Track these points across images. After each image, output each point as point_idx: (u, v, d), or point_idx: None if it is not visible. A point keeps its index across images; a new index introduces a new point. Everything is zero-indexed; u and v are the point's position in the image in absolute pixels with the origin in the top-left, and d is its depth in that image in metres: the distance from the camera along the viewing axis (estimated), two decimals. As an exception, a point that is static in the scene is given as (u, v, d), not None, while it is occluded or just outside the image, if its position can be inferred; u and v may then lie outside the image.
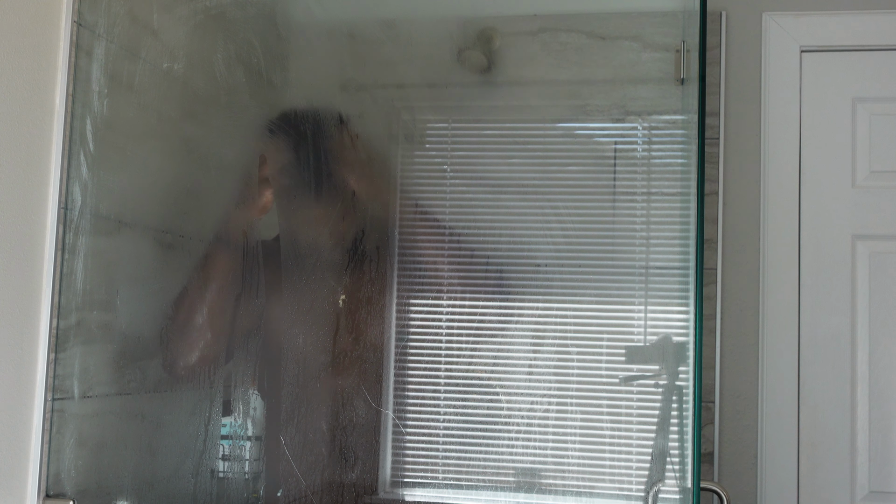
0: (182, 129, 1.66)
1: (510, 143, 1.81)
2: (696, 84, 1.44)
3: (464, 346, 1.72)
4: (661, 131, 1.73)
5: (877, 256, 1.97)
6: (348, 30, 1.82)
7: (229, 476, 1.65)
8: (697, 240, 1.41)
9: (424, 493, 1.71)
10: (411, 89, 1.85)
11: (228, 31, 1.70)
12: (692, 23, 1.47)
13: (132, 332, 1.53)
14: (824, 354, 1.95)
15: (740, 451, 1.94)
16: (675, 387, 1.56)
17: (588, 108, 1.78)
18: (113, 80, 1.49)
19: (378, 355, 1.73)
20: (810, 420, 1.94)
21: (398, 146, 1.83)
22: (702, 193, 1.42)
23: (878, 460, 1.93)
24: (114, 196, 1.50)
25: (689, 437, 1.42)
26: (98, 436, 1.46)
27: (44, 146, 1.39)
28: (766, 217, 1.98)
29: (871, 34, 1.98)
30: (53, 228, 1.40)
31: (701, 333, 1.40)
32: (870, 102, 2.00)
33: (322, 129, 1.73)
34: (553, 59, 1.78)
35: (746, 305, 1.97)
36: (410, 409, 1.73)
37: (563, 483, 1.64)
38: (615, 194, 1.74)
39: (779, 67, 2.00)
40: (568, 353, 1.67)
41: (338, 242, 1.73)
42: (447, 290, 1.74)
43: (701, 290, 1.41)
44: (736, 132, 2.00)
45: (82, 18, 1.45)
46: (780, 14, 2.01)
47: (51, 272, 1.39)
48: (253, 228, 1.68)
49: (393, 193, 1.80)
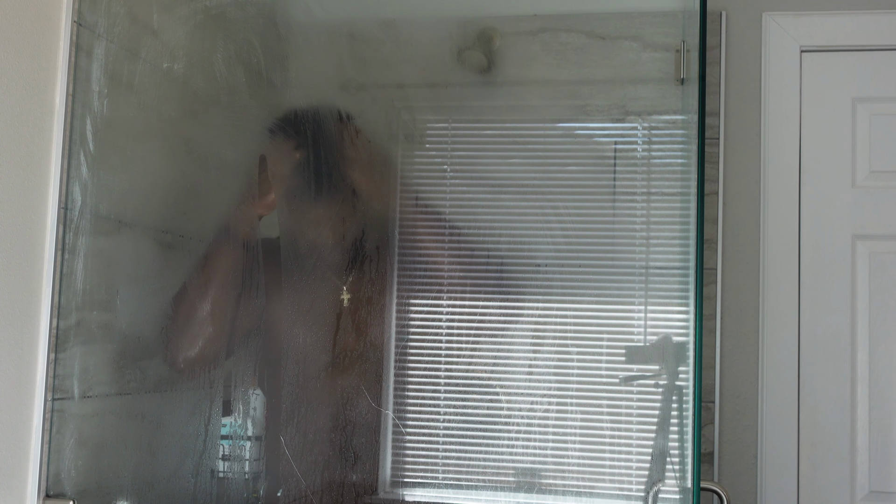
0: (182, 129, 1.66)
1: (510, 143, 1.81)
2: (696, 84, 1.44)
3: (464, 346, 1.72)
4: (661, 131, 1.73)
5: (877, 256, 1.97)
6: (348, 30, 1.82)
7: (229, 476, 1.65)
8: (697, 240, 1.41)
9: (424, 493, 1.71)
10: (411, 89, 1.84)
11: (228, 31, 1.70)
12: (692, 23, 1.47)
13: (132, 332, 1.53)
14: (824, 354, 1.95)
15: (740, 451, 1.94)
16: (675, 387, 1.56)
17: (588, 108, 1.78)
18: (113, 80, 1.49)
19: (378, 355, 1.73)
20: (810, 420, 1.94)
21: (398, 146, 1.83)
22: (702, 193, 1.41)
23: (878, 460, 1.93)
24: (114, 196, 1.50)
25: (689, 437, 1.42)
26: (98, 436, 1.46)
27: (44, 146, 1.39)
28: (766, 217, 1.98)
29: (871, 34, 1.98)
30: (53, 228, 1.40)
31: (701, 333, 1.40)
32: (870, 102, 2.00)
33: (323, 127, 1.73)
34: (553, 59, 1.78)
35: (746, 305, 1.97)
36: (410, 409, 1.73)
37: (563, 483, 1.64)
38: (615, 194, 1.74)
39: (779, 67, 2.00)
40: (568, 353, 1.67)
41: (338, 242, 1.73)
42: (447, 290, 1.74)
43: (701, 290, 1.41)
44: (736, 132, 2.00)
45: (82, 18, 1.45)
46: (780, 14, 2.01)
47: (51, 272, 1.39)
48: (254, 227, 1.68)
49: (393, 193, 1.80)
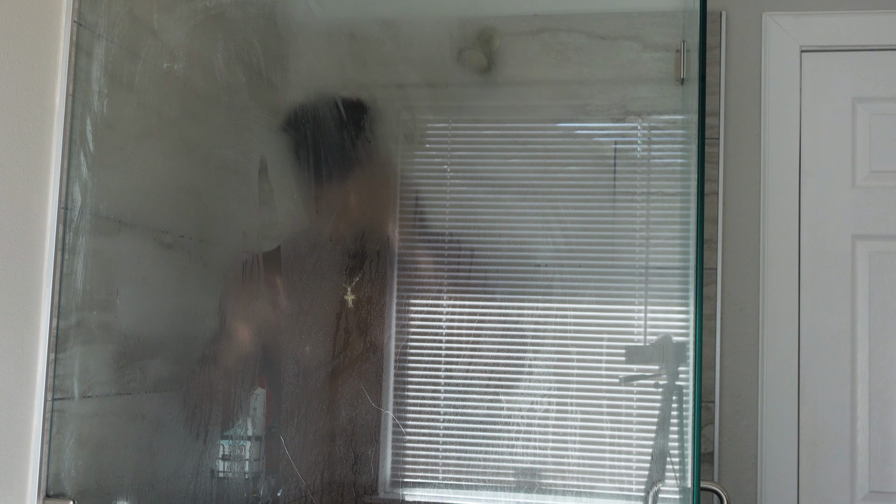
0: (182, 129, 1.66)
1: (510, 143, 1.81)
2: (696, 84, 1.44)
3: (464, 346, 1.72)
4: (661, 131, 1.73)
5: (877, 256, 1.97)
6: (348, 30, 1.82)
7: (229, 476, 1.65)
8: (697, 240, 1.41)
9: (424, 493, 1.71)
10: (411, 89, 1.84)
11: (228, 31, 1.70)
12: (692, 23, 1.47)
13: (132, 332, 1.53)
14: (824, 354, 1.95)
15: (740, 451, 1.94)
16: (675, 387, 1.56)
17: (588, 108, 1.78)
18: (113, 79, 1.49)
19: (378, 355, 1.73)
20: (810, 420, 1.94)
21: (398, 146, 1.82)
22: (702, 193, 1.42)
23: (878, 460, 1.92)
24: (114, 196, 1.50)
25: (689, 437, 1.42)
26: (98, 436, 1.46)
27: (44, 146, 1.39)
28: (766, 217, 1.98)
29: (871, 34, 1.98)
30: (53, 228, 1.40)
31: (701, 333, 1.40)
32: (870, 102, 1.99)
33: (323, 127, 1.73)
34: (553, 59, 1.78)
35: (746, 305, 1.97)
36: (410, 409, 1.73)
37: (563, 483, 1.64)
38: (615, 194, 1.74)
39: (779, 67, 2.00)
40: (568, 353, 1.67)
41: (338, 242, 1.73)
42: (447, 290, 1.74)
43: (701, 290, 1.41)
44: (736, 132, 2.00)
45: (82, 18, 1.45)
46: (780, 14, 2.01)
47: (51, 272, 1.39)
48: (253, 228, 1.68)
49: (393, 193, 1.80)
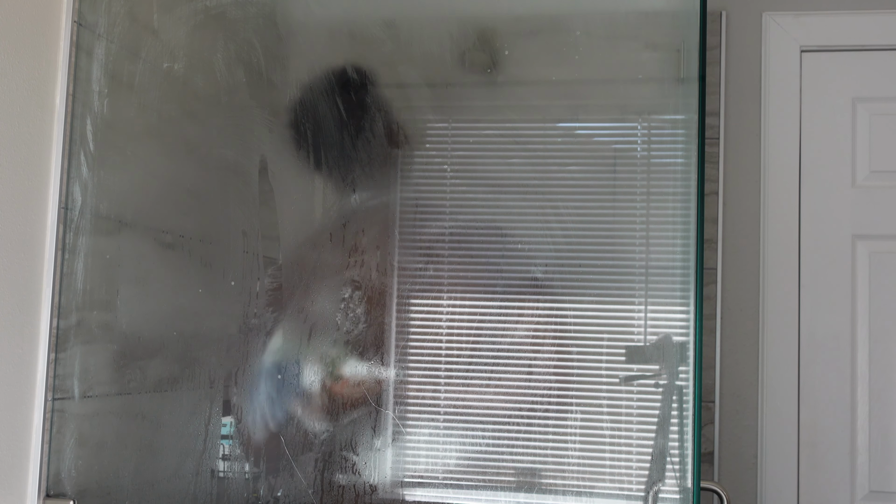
0: (182, 129, 1.66)
1: (510, 143, 1.81)
2: (696, 84, 1.44)
3: (464, 345, 1.71)
4: (661, 131, 1.72)
5: (877, 256, 1.97)
6: (348, 30, 1.82)
7: (229, 476, 1.65)
8: (697, 240, 1.41)
9: (424, 493, 1.71)
10: (411, 89, 1.84)
11: (228, 31, 1.70)
12: (692, 23, 1.47)
13: (132, 332, 1.53)
14: (824, 354, 1.95)
15: (740, 451, 1.94)
16: (675, 387, 1.56)
17: (588, 108, 1.78)
18: (113, 80, 1.49)
19: (378, 355, 1.73)
20: (810, 420, 1.94)
21: (398, 146, 1.82)
22: (702, 193, 1.42)
23: (878, 460, 1.92)
24: (114, 196, 1.50)
25: (689, 437, 1.42)
26: (98, 436, 1.46)
27: (44, 146, 1.39)
28: (766, 217, 1.98)
29: (871, 34, 1.98)
30: (53, 228, 1.40)
31: (701, 333, 1.40)
32: (870, 102, 1.99)
33: (323, 127, 1.73)
34: (553, 59, 1.78)
35: (746, 305, 1.97)
36: (410, 409, 1.73)
37: (563, 483, 1.64)
38: (615, 194, 1.74)
39: (779, 67, 2.00)
40: (568, 353, 1.67)
41: (338, 241, 1.73)
42: (447, 290, 1.73)
43: (701, 290, 1.41)
44: (736, 132, 2.00)
45: (82, 18, 1.45)
46: (780, 14, 2.01)
47: (51, 272, 1.39)
48: (253, 228, 1.68)
49: (393, 192, 1.80)
